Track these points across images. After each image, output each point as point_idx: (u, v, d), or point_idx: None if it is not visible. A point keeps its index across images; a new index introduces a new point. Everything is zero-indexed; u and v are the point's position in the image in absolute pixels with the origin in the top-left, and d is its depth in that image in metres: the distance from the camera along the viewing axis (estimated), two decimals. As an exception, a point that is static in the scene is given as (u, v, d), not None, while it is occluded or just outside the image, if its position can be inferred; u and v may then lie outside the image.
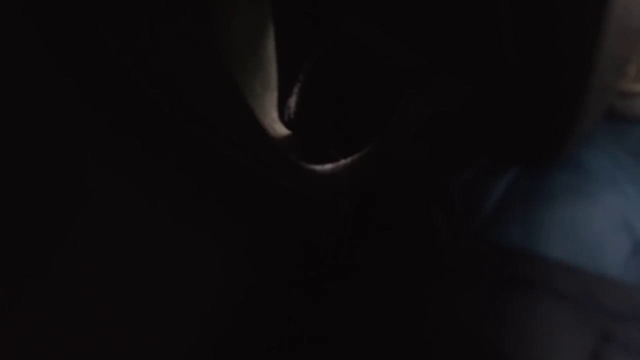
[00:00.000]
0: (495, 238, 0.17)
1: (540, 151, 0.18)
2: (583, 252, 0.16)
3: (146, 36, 0.16)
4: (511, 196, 0.18)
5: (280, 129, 0.23)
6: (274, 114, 0.23)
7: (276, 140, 0.23)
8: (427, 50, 0.19)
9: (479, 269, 0.17)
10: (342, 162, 0.23)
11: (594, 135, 0.19)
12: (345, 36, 0.22)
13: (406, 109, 0.23)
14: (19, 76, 0.15)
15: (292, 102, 0.24)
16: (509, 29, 0.16)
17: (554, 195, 0.17)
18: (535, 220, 0.17)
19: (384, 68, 0.22)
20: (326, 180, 0.22)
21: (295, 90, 0.24)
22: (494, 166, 0.19)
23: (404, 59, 0.20)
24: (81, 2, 0.15)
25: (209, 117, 0.18)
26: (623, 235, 0.17)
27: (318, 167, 0.22)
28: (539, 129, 0.18)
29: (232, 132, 0.19)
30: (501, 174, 0.18)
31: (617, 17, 0.14)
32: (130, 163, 0.17)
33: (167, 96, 0.17)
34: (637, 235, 0.17)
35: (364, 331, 0.18)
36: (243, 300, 0.21)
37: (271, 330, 0.21)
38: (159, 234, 0.18)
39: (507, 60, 0.17)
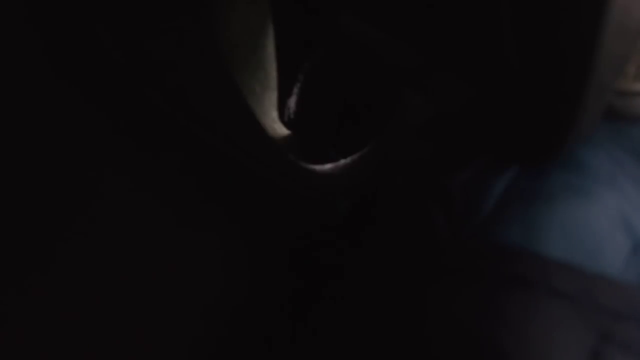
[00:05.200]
0: (495, 238, 0.17)
1: (539, 150, 0.18)
2: (582, 251, 0.16)
3: (146, 37, 0.16)
4: (511, 196, 0.18)
5: (280, 129, 0.24)
6: (274, 114, 0.23)
7: (276, 140, 0.23)
8: (427, 49, 0.19)
9: (479, 268, 0.17)
10: (342, 162, 0.23)
11: (593, 135, 0.19)
12: (345, 36, 0.22)
13: (406, 108, 0.23)
14: (20, 79, 0.15)
15: (292, 102, 0.24)
16: (509, 28, 0.16)
17: (553, 194, 0.17)
18: (535, 220, 0.17)
19: (384, 68, 0.22)
20: (326, 180, 0.22)
21: (295, 90, 0.24)
22: (494, 165, 0.19)
23: (404, 59, 0.20)
24: (80, 3, 0.15)
25: (209, 117, 0.18)
26: (623, 234, 0.17)
27: (318, 167, 0.22)
28: (538, 128, 0.18)
29: (232, 132, 0.19)
30: (500, 173, 0.18)
31: (616, 17, 0.14)
32: (130, 163, 0.17)
33: (167, 97, 0.17)
34: (636, 234, 0.17)
35: (364, 331, 0.18)
36: (243, 299, 0.21)
37: (270, 329, 0.21)
38: (160, 234, 0.18)
39: (507, 59, 0.17)
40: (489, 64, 0.17)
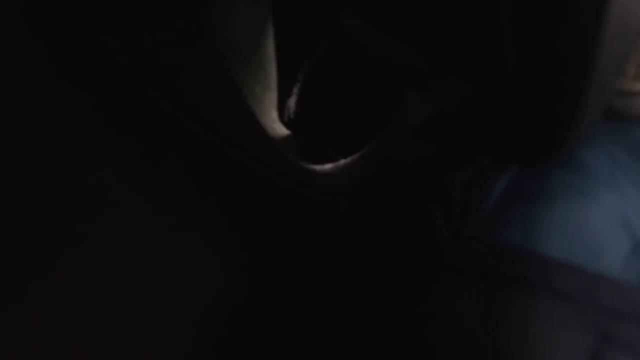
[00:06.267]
0: (495, 238, 0.17)
1: (539, 149, 0.18)
2: (583, 251, 0.16)
3: (146, 37, 0.16)
4: (511, 196, 0.18)
5: (280, 129, 0.24)
6: (274, 114, 0.23)
7: (276, 140, 0.23)
8: (426, 49, 0.19)
9: (479, 268, 0.17)
10: (342, 162, 0.23)
11: (593, 135, 0.19)
12: (345, 36, 0.22)
13: (406, 108, 0.23)
14: (21, 80, 0.15)
15: (292, 102, 0.24)
16: (509, 28, 0.16)
17: (553, 194, 0.17)
18: (535, 220, 0.17)
19: (384, 68, 0.22)
20: (326, 180, 0.22)
21: (295, 90, 0.24)
22: (494, 165, 0.19)
23: (404, 59, 0.20)
24: (81, 4, 0.15)
25: (209, 117, 0.18)
26: (623, 234, 0.17)
27: (318, 167, 0.22)
28: (538, 128, 0.18)
29: (232, 133, 0.19)
30: (500, 173, 0.18)
31: (617, 16, 0.14)
32: (130, 164, 0.17)
33: (168, 97, 0.17)
34: (636, 234, 0.17)
35: (363, 331, 0.18)
36: (242, 300, 0.21)
37: (269, 332, 0.21)
38: (159, 234, 0.18)
39: (507, 59, 0.17)
40: (488, 64, 0.17)
